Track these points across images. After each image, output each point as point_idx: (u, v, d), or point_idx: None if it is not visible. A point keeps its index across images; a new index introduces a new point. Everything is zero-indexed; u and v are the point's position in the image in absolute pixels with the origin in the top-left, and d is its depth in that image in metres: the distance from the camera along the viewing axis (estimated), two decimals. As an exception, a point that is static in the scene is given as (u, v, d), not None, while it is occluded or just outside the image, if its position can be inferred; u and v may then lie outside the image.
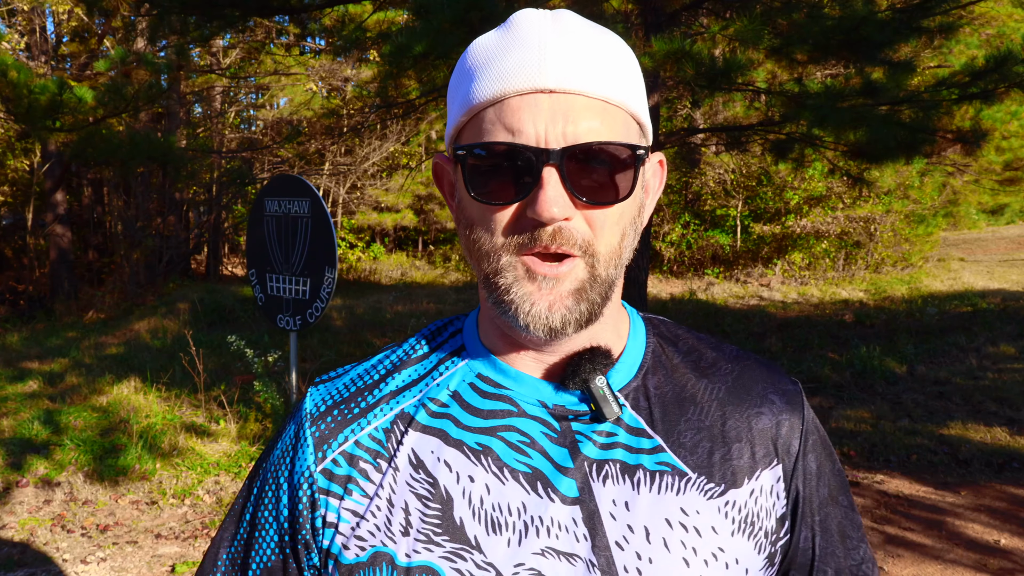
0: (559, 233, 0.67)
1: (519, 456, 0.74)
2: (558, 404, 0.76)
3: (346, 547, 0.75)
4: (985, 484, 4.56)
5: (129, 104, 6.68)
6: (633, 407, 0.77)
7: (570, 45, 0.68)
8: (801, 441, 0.79)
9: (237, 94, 18.58)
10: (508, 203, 0.68)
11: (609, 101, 0.68)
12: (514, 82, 0.67)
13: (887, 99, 6.02)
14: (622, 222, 0.71)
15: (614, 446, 0.75)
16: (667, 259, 15.62)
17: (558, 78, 0.66)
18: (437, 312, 11.13)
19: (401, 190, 17.66)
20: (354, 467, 0.77)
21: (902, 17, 5.67)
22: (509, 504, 0.73)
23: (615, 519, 0.72)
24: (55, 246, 13.23)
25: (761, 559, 0.76)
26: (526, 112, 0.66)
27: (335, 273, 5.51)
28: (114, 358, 8.20)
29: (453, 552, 0.72)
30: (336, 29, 10.51)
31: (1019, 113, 13.56)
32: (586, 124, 0.66)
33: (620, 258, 0.72)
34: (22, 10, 13.49)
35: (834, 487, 0.82)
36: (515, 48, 0.68)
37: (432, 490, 0.75)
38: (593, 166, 0.67)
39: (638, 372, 0.79)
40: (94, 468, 4.94)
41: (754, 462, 0.77)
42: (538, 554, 0.71)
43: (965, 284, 13.42)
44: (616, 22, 6.37)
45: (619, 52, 0.72)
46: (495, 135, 0.67)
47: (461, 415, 0.77)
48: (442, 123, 16.71)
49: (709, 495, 0.74)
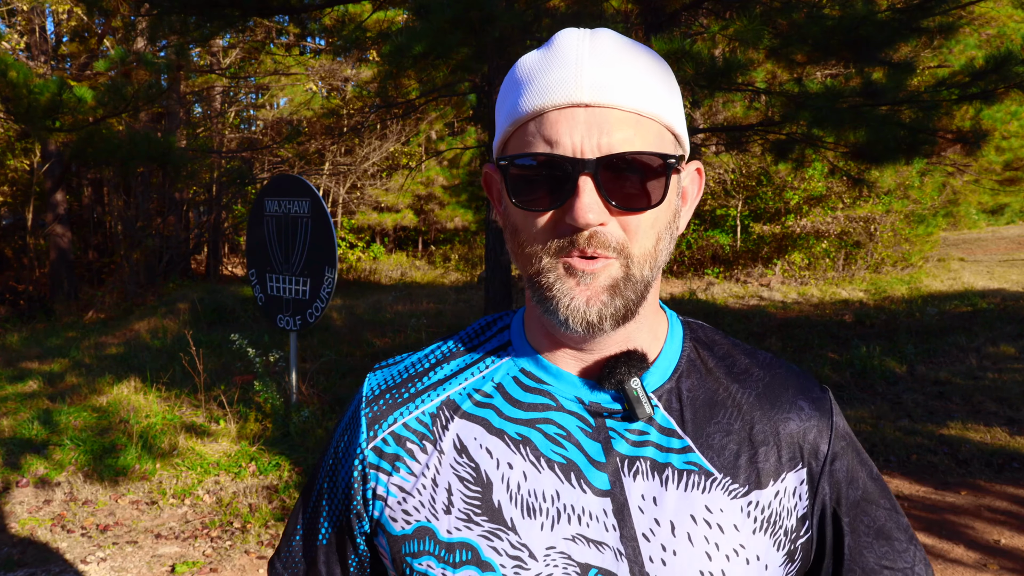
0: (595, 237, 0.72)
1: (555, 448, 0.80)
2: (594, 401, 0.81)
3: (393, 519, 0.83)
4: (985, 484, 4.56)
5: (129, 104, 6.68)
6: (666, 408, 0.82)
7: (604, 62, 0.73)
8: (829, 446, 0.83)
9: (237, 94, 18.57)
10: (547, 209, 0.73)
11: (642, 113, 0.73)
12: (553, 97, 0.72)
13: (887, 99, 6.02)
14: (656, 227, 0.75)
15: (645, 444, 0.80)
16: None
17: (593, 93, 0.71)
18: (437, 312, 11.13)
19: (401, 190, 17.66)
20: (401, 447, 0.84)
21: (902, 17, 5.67)
22: (544, 491, 0.79)
23: (643, 512, 0.78)
24: (55, 246, 13.23)
25: (780, 556, 0.80)
26: (563, 125, 0.71)
27: (335, 273, 5.51)
28: (114, 358, 8.20)
29: (491, 531, 0.78)
30: (336, 29, 10.51)
31: (1019, 113, 13.55)
32: (620, 135, 0.71)
33: (655, 260, 0.76)
34: (22, 10, 13.49)
35: (871, 491, 0.85)
36: (554, 66, 0.74)
37: (474, 474, 0.81)
38: (626, 174, 0.72)
39: (672, 375, 0.84)
40: (94, 468, 4.94)
41: (780, 465, 0.81)
42: (569, 539, 0.77)
43: (965, 284, 13.42)
44: (616, 22, 6.38)
45: (653, 67, 0.76)
46: (535, 146, 0.73)
47: (503, 406, 0.83)
48: (441, 123, 16.72)
49: (733, 495, 0.79)
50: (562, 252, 0.73)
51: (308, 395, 6.07)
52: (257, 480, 4.82)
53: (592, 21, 5.95)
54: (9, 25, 14.40)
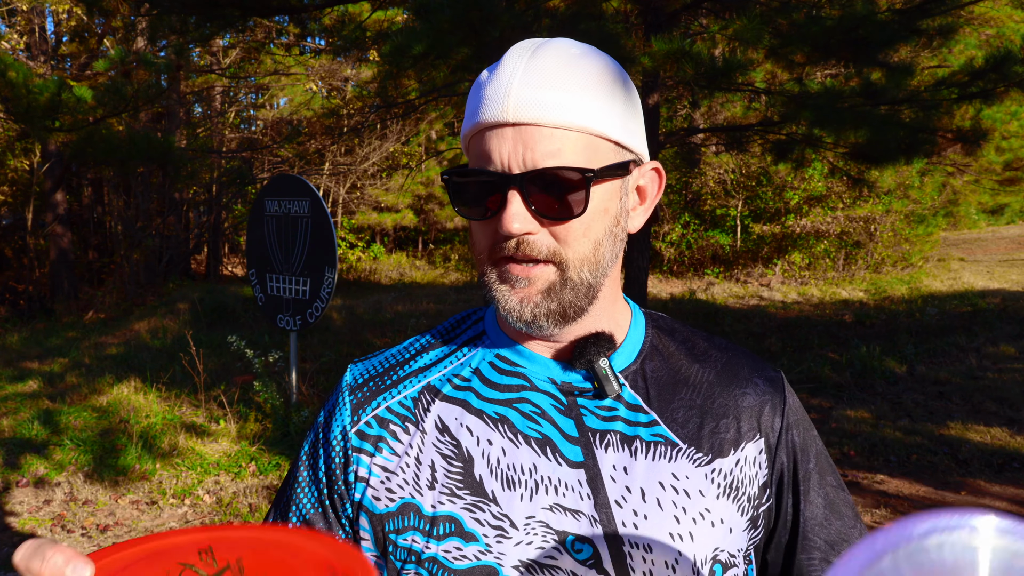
0: (524, 244, 0.79)
1: (531, 424, 0.86)
2: (566, 381, 0.88)
3: (377, 499, 0.87)
4: (985, 484, 4.56)
5: (128, 104, 6.67)
6: (632, 387, 0.88)
7: (534, 81, 0.78)
8: (783, 419, 0.90)
9: (237, 94, 18.57)
10: (483, 218, 0.81)
11: (569, 127, 0.78)
12: (485, 115, 0.79)
13: (887, 99, 6.02)
14: (591, 233, 0.81)
15: (614, 419, 0.86)
16: (667, 259, 15.62)
17: (517, 112, 0.77)
18: (437, 312, 11.13)
19: (401, 190, 17.65)
20: (384, 429, 0.89)
21: (901, 18, 5.67)
22: (522, 465, 0.84)
23: (615, 481, 0.83)
24: (55, 246, 13.23)
25: (744, 520, 0.86)
26: (494, 142, 0.79)
27: (335, 273, 5.51)
28: (114, 358, 8.20)
29: (473, 504, 0.83)
30: (336, 29, 10.50)
31: (1019, 113, 13.56)
32: (543, 150, 0.77)
33: (596, 263, 0.82)
34: (22, 10, 13.48)
35: (822, 466, 0.92)
36: (491, 84, 0.80)
37: (456, 451, 0.86)
38: (549, 188, 0.78)
39: (637, 357, 0.90)
40: (94, 468, 4.94)
41: (739, 435, 0.87)
42: (547, 509, 0.82)
43: (965, 284, 13.42)
44: (616, 22, 6.38)
45: (593, 79, 0.81)
46: (472, 162, 0.82)
47: (481, 388, 0.89)
48: (441, 123, 16.72)
49: (698, 463, 0.85)
50: (497, 257, 0.81)
51: (308, 395, 6.08)
52: (257, 480, 4.82)
53: (591, 21, 5.95)
54: (9, 25, 14.40)
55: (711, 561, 0.83)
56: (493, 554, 0.81)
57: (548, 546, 0.81)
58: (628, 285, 6.50)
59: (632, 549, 0.81)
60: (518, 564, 0.81)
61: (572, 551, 0.81)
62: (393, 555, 0.85)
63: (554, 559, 0.81)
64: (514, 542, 0.81)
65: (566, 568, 0.81)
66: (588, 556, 0.81)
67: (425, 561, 0.82)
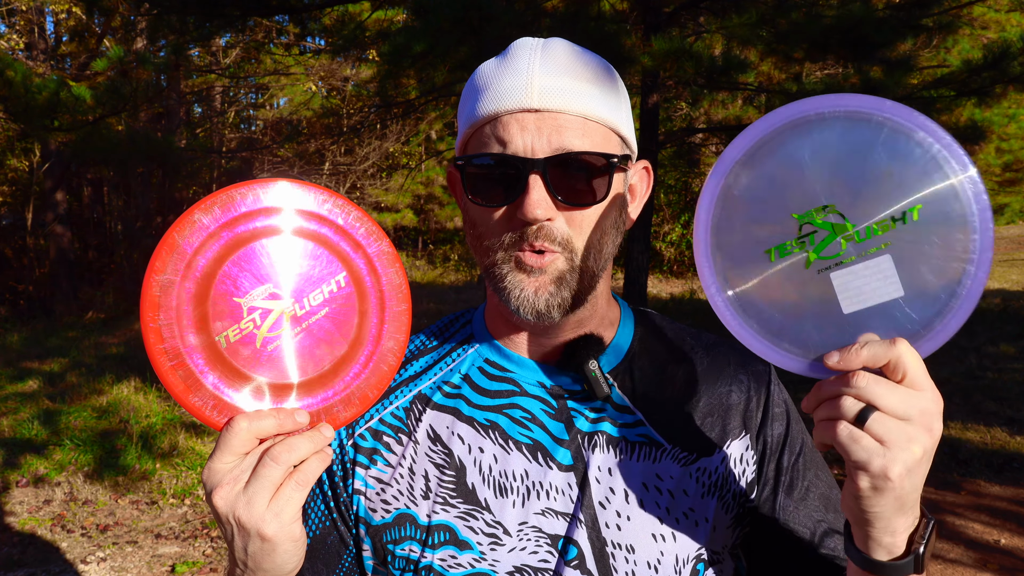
0: (542, 231, 0.78)
1: (522, 430, 0.86)
2: (555, 384, 0.88)
3: (373, 510, 0.87)
4: (985, 484, 4.56)
5: (128, 103, 6.66)
6: (620, 387, 0.89)
7: (553, 70, 0.79)
8: (766, 413, 0.90)
9: (237, 94, 18.57)
10: (500, 205, 0.80)
11: (588, 117, 0.80)
12: (506, 102, 0.79)
13: (885, 97, 6.01)
14: (604, 222, 0.82)
15: (602, 420, 0.86)
16: (667, 259, 15.61)
17: (542, 99, 0.78)
18: (437, 312, 11.13)
19: (401, 190, 17.64)
20: (378, 440, 0.90)
21: (900, 16, 5.67)
22: (514, 471, 0.85)
23: (599, 483, 0.84)
24: (55, 246, 13.22)
25: (728, 518, 0.87)
26: (515, 127, 0.78)
27: (335, 273, 5.51)
28: (114, 358, 8.20)
29: (467, 512, 0.84)
30: (336, 29, 10.49)
31: (1017, 116, 13.57)
32: (567, 136, 0.78)
33: (601, 253, 0.83)
34: (21, 10, 13.48)
35: (807, 459, 0.91)
36: (508, 74, 0.80)
37: (448, 459, 0.86)
38: (573, 172, 0.78)
39: (625, 356, 0.91)
40: (94, 468, 4.94)
41: (724, 433, 0.88)
42: (539, 514, 0.83)
43: (965, 284, 13.40)
44: (615, 22, 6.38)
45: (600, 75, 0.83)
46: (490, 147, 0.80)
47: (471, 395, 0.89)
48: (441, 123, 16.71)
49: (682, 462, 0.86)
50: (514, 246, 0.80)
51: (308, 395, 6.07)
52: (257, 480, 4.82)
53: (590, 21, 5.95)
54: (8, 25, 14.40)
55: (694, 559, 0.83)
56: (487, 561, 0.82)
57: (541, 550, 0.82)
58: (627, 285, 6.50)
59: (614, 550, 0.82)
60: (512, 570, 0.82)
61: (562, 553, 0.82)
62: (392, 565, 0.86)
63: (547, 562, 0.82)
64: (507, 548, 0.82)
65: (558, 571, 0.82)
66: (573, 557, 0.82)
67: (422, 570, 0.84)
